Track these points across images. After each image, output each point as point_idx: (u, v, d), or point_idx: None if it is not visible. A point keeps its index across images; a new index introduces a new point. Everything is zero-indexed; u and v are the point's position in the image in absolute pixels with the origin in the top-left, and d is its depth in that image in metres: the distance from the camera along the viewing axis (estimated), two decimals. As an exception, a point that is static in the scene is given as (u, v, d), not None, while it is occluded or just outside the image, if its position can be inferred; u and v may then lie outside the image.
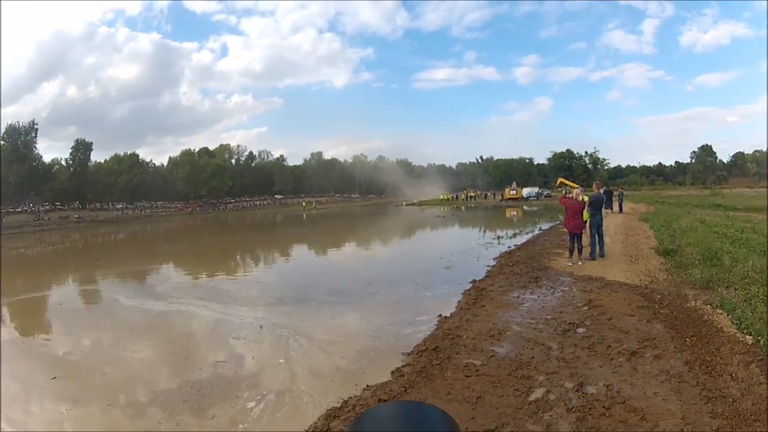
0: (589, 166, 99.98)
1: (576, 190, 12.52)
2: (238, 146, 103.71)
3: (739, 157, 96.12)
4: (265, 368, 5.91)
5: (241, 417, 4.54)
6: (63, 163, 78.99)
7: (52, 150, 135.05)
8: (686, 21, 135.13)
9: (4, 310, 10.26)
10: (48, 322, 9.44)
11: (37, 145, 70.93)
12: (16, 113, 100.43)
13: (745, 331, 5.28)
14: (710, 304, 6.44)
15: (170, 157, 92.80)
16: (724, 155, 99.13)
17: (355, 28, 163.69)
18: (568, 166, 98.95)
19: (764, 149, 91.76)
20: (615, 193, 26.92)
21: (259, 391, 5.12)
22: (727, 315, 5.91)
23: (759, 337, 4.98)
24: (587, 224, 10.90)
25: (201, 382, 5.48)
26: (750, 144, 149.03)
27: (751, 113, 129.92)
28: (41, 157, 72.60)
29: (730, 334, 5.33)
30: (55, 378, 5.85)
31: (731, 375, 4.31)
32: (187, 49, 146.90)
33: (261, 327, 7.63)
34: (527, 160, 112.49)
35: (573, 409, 3.89)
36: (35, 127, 70.43)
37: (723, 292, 6.89)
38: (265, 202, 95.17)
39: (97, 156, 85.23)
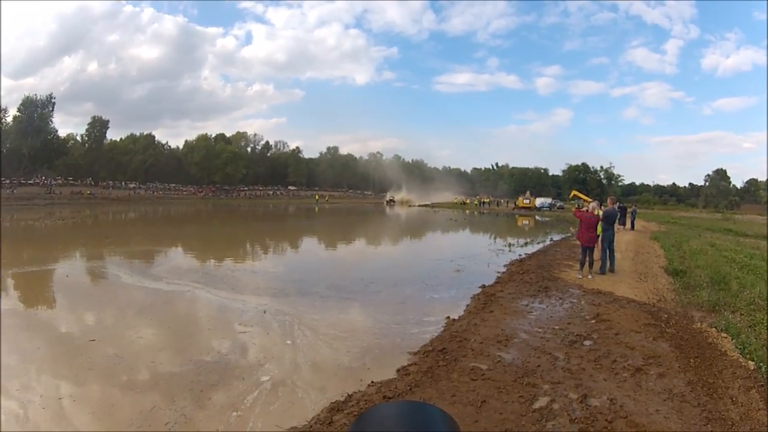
0: (604, 181, 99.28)
1: (592, 203, 12.54)
2: (255, 135, 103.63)
3: (752, 183, 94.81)
4: (269, 357, 5.87)
5: (239, 404, 4.54)
6: (78, 138, 79.14)
7: (67, 125, 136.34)
8: (709, 44, 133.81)
9: (9, 281, 10.33)
10: (53, 296, 9.42)
11: (53, 119, 71.05)
12: (33, 86, 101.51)
13: (748, 356, 5.38)
14: (716, 327, 6.52)
15: (186, 141, 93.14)
16: (737, 180, 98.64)
17: (380, 27, 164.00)
18: (583, 179, 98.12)
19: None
20: (629, 210, 26.84)
21: (261, 379, 5.12)
22: (732, 339, 6.00)
23: (761, 364, 5.08)
24: (599, 238, 10.96)
25: (205, 363, 5.57)
26: (763, 171, 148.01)
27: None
28: (56, 131, 72.45)
29: (734, 358, 5.42)
30: (73, 349, 5.94)
31: (732, 398, 4.40)
32: (212, 34, 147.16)
33: (264, 312, 7.82)
34: (542, 170, 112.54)
35: (576, 420, 3.94)
36: (52, 101, 70.49)
37: (729, 317, 6.97)
38: (279, 193, 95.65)
39: (112, 134, 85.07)
